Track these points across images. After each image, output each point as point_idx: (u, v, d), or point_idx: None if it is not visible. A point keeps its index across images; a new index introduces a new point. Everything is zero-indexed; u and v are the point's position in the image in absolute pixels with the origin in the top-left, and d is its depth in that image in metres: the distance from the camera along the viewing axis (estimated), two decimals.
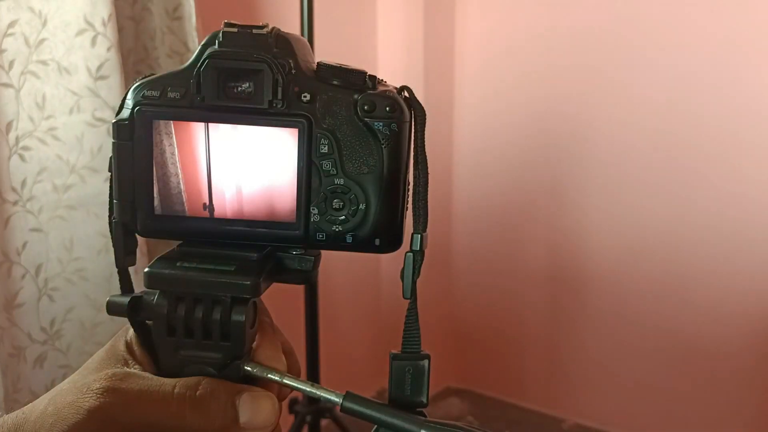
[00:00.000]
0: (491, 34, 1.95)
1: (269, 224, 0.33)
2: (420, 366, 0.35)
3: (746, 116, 1.60)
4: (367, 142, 0.33)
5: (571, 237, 1.90)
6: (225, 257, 0.33)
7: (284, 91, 0.32)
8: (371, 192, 0.33)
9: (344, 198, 0.33)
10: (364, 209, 0.33)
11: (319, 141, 0.32)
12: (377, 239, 0.33)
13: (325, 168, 0.33)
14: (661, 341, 1.79)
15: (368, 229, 0.33)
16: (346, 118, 0.32)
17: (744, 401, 1.70)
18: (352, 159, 0.33)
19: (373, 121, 0.32)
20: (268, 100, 0.32)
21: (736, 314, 1.67)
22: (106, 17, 1.03)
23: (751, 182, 1.62)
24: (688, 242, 1.72)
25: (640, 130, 1.74)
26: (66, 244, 1.06)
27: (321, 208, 0.33)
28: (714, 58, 1.62)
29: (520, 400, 2.09)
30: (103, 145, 1.06)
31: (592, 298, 1.89)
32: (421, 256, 0.34)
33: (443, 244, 2.10)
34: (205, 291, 0.32)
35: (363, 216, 0.33)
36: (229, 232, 0.33)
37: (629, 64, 1.73)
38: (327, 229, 0.33)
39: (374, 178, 0.33)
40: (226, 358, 0.32)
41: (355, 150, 0.33)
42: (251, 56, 0.31)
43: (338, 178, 0.33)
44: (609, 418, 1.91)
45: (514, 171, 1.98)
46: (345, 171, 0.33)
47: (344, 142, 0.33)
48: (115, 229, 0.35)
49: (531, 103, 1.91)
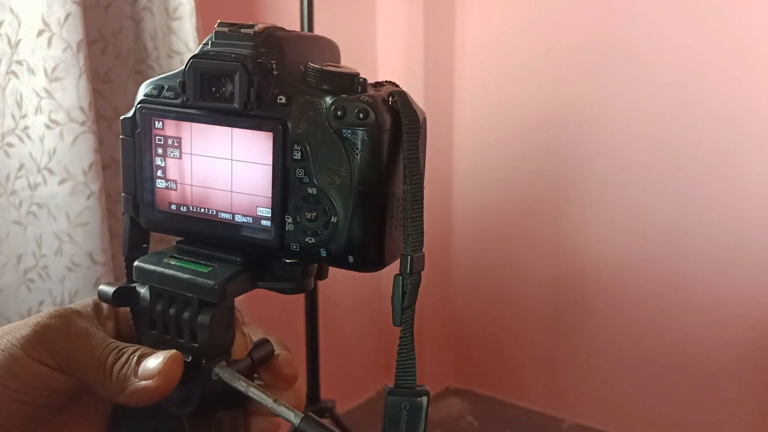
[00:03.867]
0: (491, 34, 1.95)
1: (249, 229, 0.32)
2: (418, 403, 0.32)
3: (747, 121, 1.60)
4: (338, 150, 0.30)
5: (570, 238, 1.91)
6: (211, 258, 0.33)
7: (259, 93, 0.31)
8: (341, 205, 0.31)
9: (317, 209, 0.31)
10: (335, 223, 0.31)
11: (293, 147, 0.31)
12: (350, 256, 0.31)
13: (298, 176, 0.31)
14: (661, 342, 1.79)
15: (341, 245, 0.31)
16: (318, 124, 0.30)
17: (744, 402, 1.70)
18: (325, 168, 0.31)
19: (342, 127, 0.30)
20: (243, 102, 0.31)
21: (736, 316, 1.68)
22: (62, 17, 1.01)
23: (752, 186, 1.62)
24: (688, 245, 1.72)
25: (640, 133, 1.74)
26: (37, 240, 1.08)
27: (294, 217, 0.31)
28: (715, 62, 1.62)
29: (520, 400, 2.09)
30: (57, 147, 1.04)
31: (592, 299, 1.89)
32: (412, 280, 0.31)
33: (443, 245, 2.10)
34: (176, 290, 0.32)
35: (334, 230, 0.31)
36: (214, 235, 0.33)
37: (630, 64, 1.73)
38: (300, 240, 0.31)
39: (345, 190, 0.30)
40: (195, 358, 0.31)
41: (327, 158, 0.30)
42: (229, 57, 0.31)
43: (310, 188, 0.31)
44: (609, 419, 1.91)
45: (515, 173, 1.98)
46: (317, 180, 0.31)
47: (317, 149, 0.31)
48: (124, 221, 0.35)
49: (531, 104, 1.91)
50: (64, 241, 1.07)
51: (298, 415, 0.31)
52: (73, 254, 1.07)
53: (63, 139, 1.04)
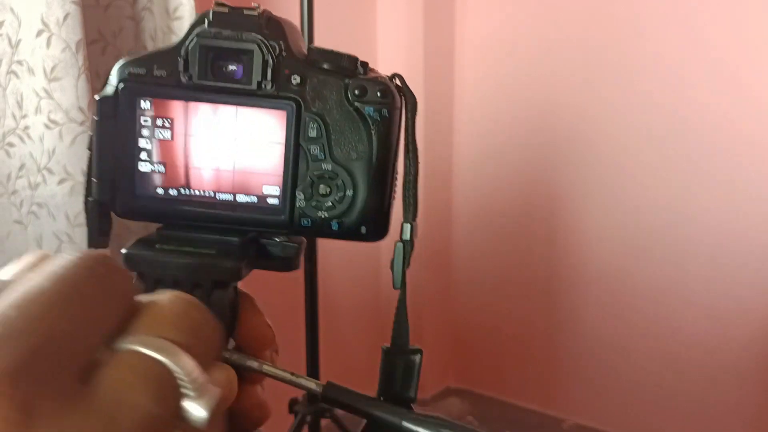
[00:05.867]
0: (491, 33, 1.96)
1: (253, 208, 0.32)
2: (412, 361, 0.35)
3: (746, 117, 1.60)
4: (357, 127, 0.32)
5: (570, 237, 1.91)
6: (205, 241, 0.32)
7: (274, 72, 0.31)
8: (359, 178, 0.32)
9: (331, 184, 0.32)
10: (351, 196, 0.32)
11: (308, 125, 0.32)
12: (363, 227, 0.33)
13: (313, 153, 0.32)
14: (661, 341, 1.79)
15: (355, 217, 0.33)
16: (336, 103, 0.32)
17: (743, 401, 1.70)
18: (341, 144, 0.32)
19: (363, 106, 0.32)
20: (257, 81, 0.31)
21: (735, 315, 1.68)
22: (61, 17, 1.01)
23: (750, 186, 1.62)
24: (687, 243, 1.72)
25: (639, 132, 1.75)
26: (38, 240, 1.09)
27: (307, 193, 0.32)
28: (714, 59, 1.62)
29: (520, 400, 2.09)
30: (56, 147, 1.05)
31: (592, 298, 1.89)
32: (411, 246, 0.33)
33: (443, 244, 2.11)
34: (185, 274, 0.31)
35: (350, 203, 0.32)
36: (212, 216, 0.32)
37: (629, 64, 1.73)
38: (312, 215, 0.32)
39: (363, 164, 0.32)
40: None
41: (344, 135, 0.32)
42: (241, 36, 0.31)
43: (326, 164, 0.32)
44: (609, 418, 1.91)
45: (515, 171, 1.98)
46: (333, 156, 0.32)
47: (333, 126, 0.32)
48: (91, 209, 0.33)
49: (531, 102, 1.91)
50: (63, 241, 1.07)
51: (320, 385, 0.32)
52: None
53: (62, 139, 1.04)
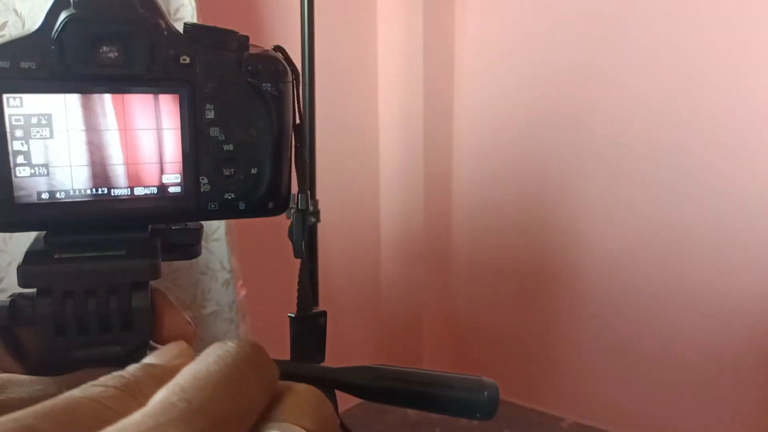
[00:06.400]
0: (491, 34, 1.96)
1: (154, 200, 0.31)
2: (319, 324, 0.35)
3: (745, 117, 1.61)
4: (255, 104, 0.31)
5: (570, 236, 1.91)
6: (108, 242, 0.30)
7: (160, 54, 0.29)
8: (262, 155, 0.32)
9: (235, 164, 0.31)
10: (256, 173, 0.32)
11: (204, 106, 0.30)
12: (271, 202, 0.32)
13: (212, 135, 0.31)
14: (660, 341, 1.80)
15: (261, 194, 0.32)
16: (230, 81, 0.31)
17: (742, 399, 1.71)
18: (240, 123, 0.31)
19: (260, 83, 0.31)
20: (145, 65, 0.29)
21: (735, 314, 1.68)
22: None
23: (749, 185, 1.63)
24: (686, 242, 1.72)
25: (638, 130, 1.75)
26: None
27: (211, 177, 0.31)
28: (713, 59, 1.62)
29: (519, 399, 2.09)
30: None
31: (592, 298, 1.90)
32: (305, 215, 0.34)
33: (443, 244, 2.11)
34: (100, 281, 0.29)
35: (255, 181, 0.32)
36: (108, 215, 0.30)
37: (628, 64, 1.74)
38: (218, 198, 0.31)
39: (264, 140, 0.32)
40: (128, 348, 0.29)
41: (242, 114, 0.31)
42: (121, 18, 0.28)
43: (227, 144, 0.31)
44: (608, 417, 1.92)
45: (514, 170, 1.98)
46: (233, 136, 0.31)
47: (230, 106, 0.31)
48: None
49: (530, 103, 1.91)
50: None
51: None
52: None
53: None
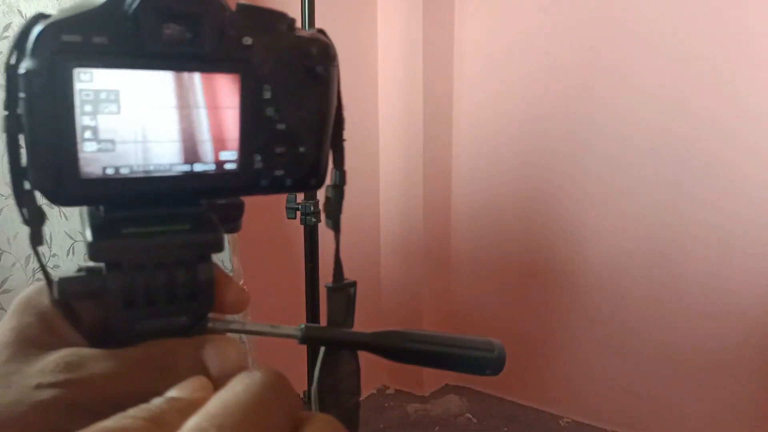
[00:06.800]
0: (490, 35, 1.96)
1: (211, 176, 0.31)
2: (349, 293, 0.38)
3: (742, 121, 1.61)
4: (307, 85, 0.33)
5: (568, 236, 1.91)
6: (168, 217, 0.31)
7: (225, 35, 0.30)
8: (311, 135, 0.33)
9: (286, 143, 0.33)
10: (303, 152, 0.33)
11: (262, 87, 0.31)
12: (313, 179, 0.34)
13: (268, 114, 0.32)
14: (658, 339, 1.80)
15: (306, 171, 0.34)
16: (287, 63, 0.32)
17: (740, 397, 1.71)
18: (293, 103, 0.32)
19: (314, 65, 0.32)
20: (212, 45, 0.29)
21: (732, 313, 1.69)
22: None
23: (747, 186, 1.63)
24: (684, 243, 1.73)
25: (638, 130, 1.75)
26: (47, 240, 1.09)
27: (264, 154, 0.32)
28: (713, 61, 1.63)
29: (518, 397, 2.10)
30: None
31: (590, 297, 1.90)
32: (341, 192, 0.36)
33: (443, 243, 2.11)
34: (170, 254, 0.30)
35: (302, 158, 0.33)
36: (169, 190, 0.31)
37: (628, 63, 1.74)
38: (269, 175, 0.33)
39: (313, 121, 0.33)
40: (193, 318, 0.31)
41: (295, 94, 0.32)
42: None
43: (280, 124, 0.32)
44: (606, 416, 1.92)
45: (513, 171, 1.99)
46: (286, 116, 0.32)
47: (285, 86, 0.32)
48: (29, 202, 0.30)
49: (530, 102, 1.91)
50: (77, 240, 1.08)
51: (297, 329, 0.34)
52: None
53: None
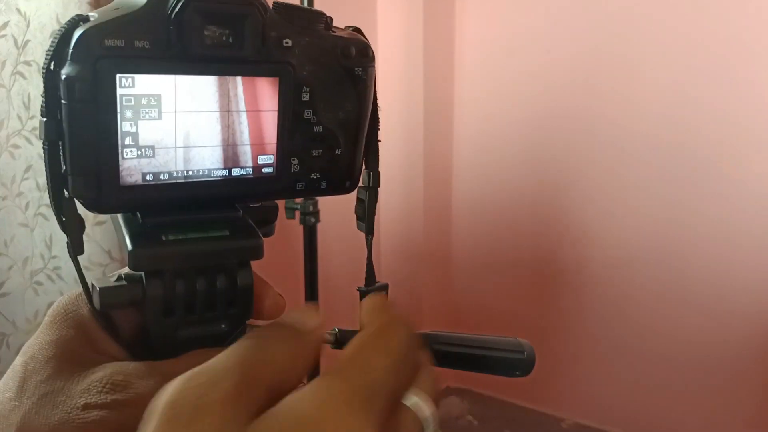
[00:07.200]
0: (491, 34, 1.96)
1: (248, 181, 0.31)
2: None
3: (745, 120, 1.61)
4: (345, 86, 0.32)
5: (570, 237, 1.91)
6: (207, 223, 0.30)
7: (267, 37, 0.29)
8: (347, 137, 0.32)
9: (322, 145, 0.32)
10: (339, 154, 0.32)
11: (301, 89, 0.31)
12: (348, 181, 0.33)
13: (306, 117, 0.31)
14: (660, 341, 1.80)
15: (341, 173, 0.33)
16: (325, 64, 0.31)
17: (742, 399, 1.71)
18: (330, 105, 0.32)
19: (352, 66, 0.32)
20: (254, 48, 0.29)
21: (735, 314, 1.68)
22: None
23: (750, 185, 1.63)
24: (686, 242, 1.72)
25: (638, 129, 1.75)
26: (47, 242, 1.08)
27: (300, 158, 0.32)
28: (714, 60, 1.62)
29: (519, 399, 2.09)
30: None
31: (592, 297, 1.90)
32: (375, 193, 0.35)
33: (443, 243, 2.11)
34: (209, 261, 0.29)
35: (338, 161, 0.32)
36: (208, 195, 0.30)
37: (628, 62, 1.74)
38: (306, 178, 0.32)
39: (349, 122, 0.32)
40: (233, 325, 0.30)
41: (333, 96, 0.32)
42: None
43: (317, 126, 0.32)
44: (608, 417, 1.92)
45: (514, 170, 1.98)
46: (323, 118, 0.32)
47: (323, 88, 0.31)
48: (69, 209, 0.29)
49: (530, 102, 1.91)
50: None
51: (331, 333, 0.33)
52: (91, 253, 1.08)
53: None
